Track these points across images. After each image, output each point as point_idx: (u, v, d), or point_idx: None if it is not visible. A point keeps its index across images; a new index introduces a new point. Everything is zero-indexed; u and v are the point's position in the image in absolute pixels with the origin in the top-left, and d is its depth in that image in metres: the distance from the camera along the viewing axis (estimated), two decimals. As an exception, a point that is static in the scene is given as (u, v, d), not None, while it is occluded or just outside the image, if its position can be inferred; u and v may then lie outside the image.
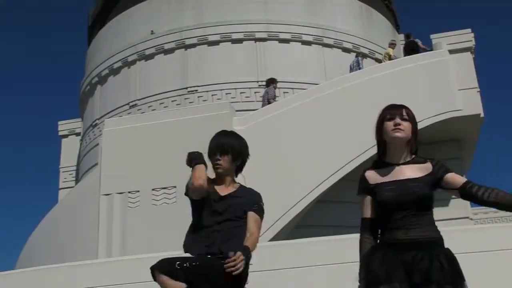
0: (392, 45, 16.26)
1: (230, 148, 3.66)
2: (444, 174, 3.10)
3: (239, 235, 3.50)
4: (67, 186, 18.51)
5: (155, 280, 3.41)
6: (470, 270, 3.27)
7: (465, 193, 3.05)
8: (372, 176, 3.15)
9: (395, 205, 2.99)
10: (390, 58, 15.53)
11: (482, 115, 13.89)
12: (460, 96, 13.74)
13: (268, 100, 13.55)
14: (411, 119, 3.18)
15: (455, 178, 3.09)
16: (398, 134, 3.11)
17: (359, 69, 14.63)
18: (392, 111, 3.18)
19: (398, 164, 3.13)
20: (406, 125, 3.14)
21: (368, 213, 3.11)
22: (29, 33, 63.98)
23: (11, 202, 58.36)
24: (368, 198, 3.12)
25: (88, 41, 19.57)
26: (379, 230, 3.09)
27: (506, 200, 2.93)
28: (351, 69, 14.82)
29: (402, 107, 3.21)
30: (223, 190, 3.66)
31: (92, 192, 11.76)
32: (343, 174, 11.68)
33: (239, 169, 3.79)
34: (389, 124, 3.14)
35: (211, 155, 3.71)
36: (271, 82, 13.97)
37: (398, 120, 3.13)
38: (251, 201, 3.65)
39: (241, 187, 3.74)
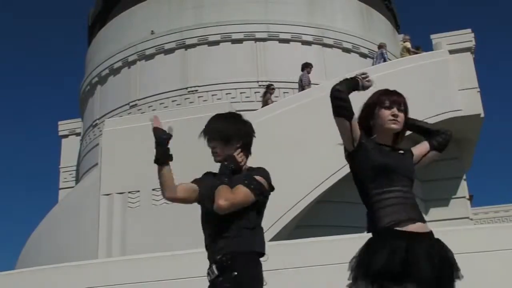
0: (408, 40, 16.28)
1: (217, 133, 3.28)
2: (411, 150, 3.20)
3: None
4: (67, 186, 18.50)
5: None
6: (470, 270, 3.28)
7: (435, 143, 3.24)
8: None
9: None
10: (409, 52, 15.54)
11: (482, 115, 13.90)
12: (460, 96, 13.74)
13: (302, 86, 13.42)
14: (406, 110, 3.15)
15: (421, 147, 3.25)
16: (395, 126, 3.09)
17: (384, 61, 14.58)
18: (391, 99, 3.12)
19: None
20: (401, 116, 3.11)
21: None
22: (29, 33, 64.02)
23: (11, 202, 58.39)
24: None
25: (88, 41, 19.56)
26: None
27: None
28: (373, 63, 14.81)
29: (401, 95, 3.16)
30: None
31: (92, 192, 11.74)
32: (343, 174, 11.65)
33: (244, 150, 3.35)
34: (386, 113, 3.09)
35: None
36: (306, 66, 13.74)
37: (396, 111, 3.09)
38: (245, 175, 3.26)
39: (249, 169, 3.39)
